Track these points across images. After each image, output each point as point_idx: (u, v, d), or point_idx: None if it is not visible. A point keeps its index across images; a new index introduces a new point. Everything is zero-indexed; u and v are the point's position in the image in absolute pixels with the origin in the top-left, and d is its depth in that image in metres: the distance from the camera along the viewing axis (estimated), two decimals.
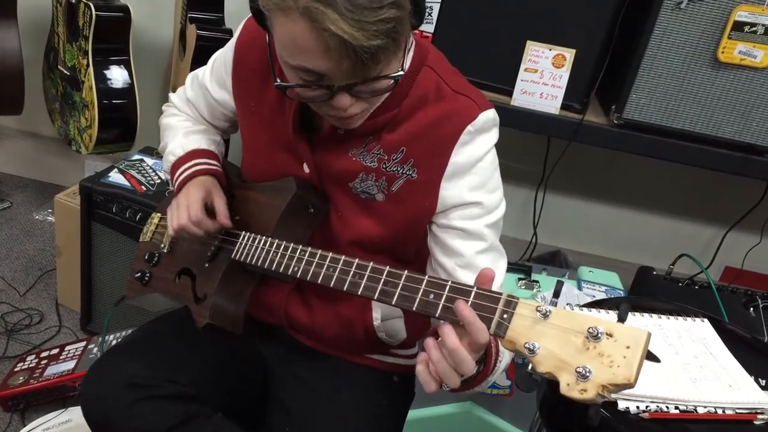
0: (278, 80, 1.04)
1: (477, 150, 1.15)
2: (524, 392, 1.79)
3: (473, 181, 1.16)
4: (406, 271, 0.98)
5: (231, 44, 1.29)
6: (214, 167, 1.34)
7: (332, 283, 1.05)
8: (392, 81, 1.02)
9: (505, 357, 1.09)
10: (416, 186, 1.17)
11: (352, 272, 1.02)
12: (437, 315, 0.93)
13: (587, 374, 0.78)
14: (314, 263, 1.09)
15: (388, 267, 1.00)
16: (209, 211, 1.26)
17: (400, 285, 0.97)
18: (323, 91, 1.01)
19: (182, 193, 1.28)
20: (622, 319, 0.82)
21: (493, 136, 1.18)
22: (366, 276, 1.01)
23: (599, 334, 0.79)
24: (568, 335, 0.82)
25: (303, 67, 0.98)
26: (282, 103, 1.21)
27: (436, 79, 1.16)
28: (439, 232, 1.20)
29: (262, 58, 1.20)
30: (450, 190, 1.16)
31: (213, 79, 1.35)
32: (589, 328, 0.80)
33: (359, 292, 1.01)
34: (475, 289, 0.91)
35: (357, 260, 1.03)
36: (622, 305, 0.84)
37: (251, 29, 1.24)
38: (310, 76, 0.99)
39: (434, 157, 1.15)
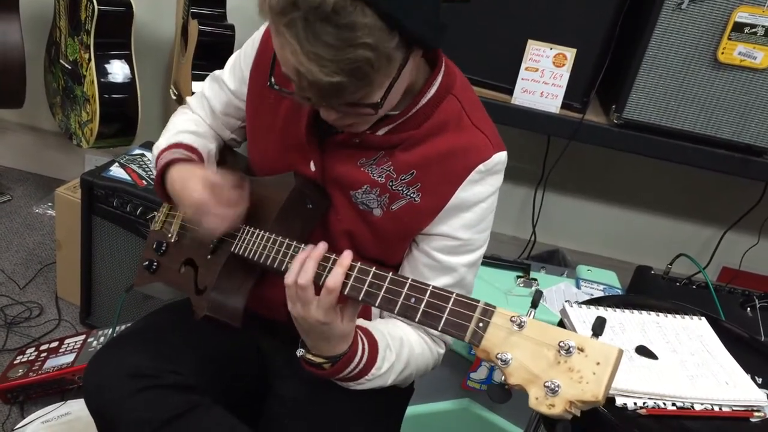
0: (273, 80, 1.07)
1: (483, 190, 1.18)
2: (499, 404, 1.79)
3: (468, 218, 1.19)
4: (390, 274, 1.00)
5: (257, 36, 1.29)
6: (188, 156, 1.31)
7: (321, 281, 1.05)
8: (371, 109, 1.02)
9: (387, 376, 1.16)
10: (416, 210, 1.18)
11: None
12: (417, 320, 0.95)
13: (556, 389, 0.78)
14: None
15: (374, 268, 1.02)
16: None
17: (384, 287, 0.99)
18: (309, 102, 1.03)
19: (182, 200, 1.24)
20: (596, 334, 0.81)
21: (500, 178, 1.20)
22: (353, 276, 1.03)
23: (570, 349, 0.79)
24: (540, 348, 0.82)
25: (288, 75, 1.00)
26: None
27: (459, 110, 1.17)
28: (416, 252, 1.23)
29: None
30: (444, 220, 1.19)
31: (232, 74, 1.35)
32: (560, 342, 0.80)
33: (345, 292, 1.03)
34: (454, 295, 0.92)
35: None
36: (597, 319, 0.83)
37: None
38: (294, 85, 1.01)
39: (441, 187, 1.17)
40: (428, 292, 0.95)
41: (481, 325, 0.87)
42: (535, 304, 0.89)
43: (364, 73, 0.94)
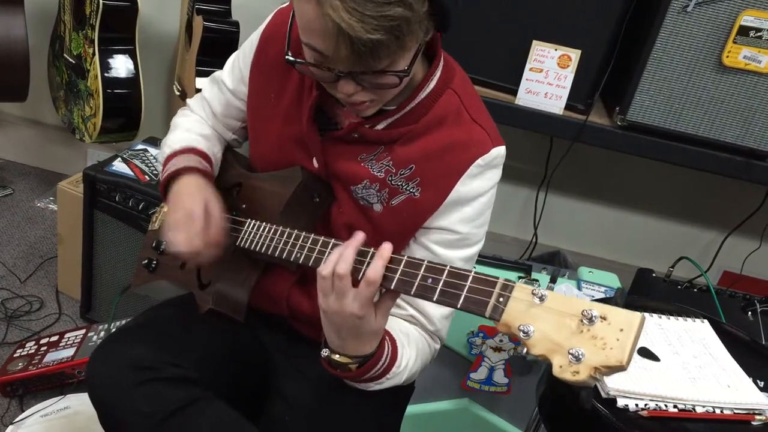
0: (290, 54, 1.06)
1: (482, 184, 1.18)
2: (519, 376, 1.79)
3: (467, 213, 1.19)
4: (405, 256, 0.99)
5: (254, 36, 1.30)
6: (205, 167, 1.33)
7: (360, 275, 1.04)
8: (397, 78, 1.03)
9: (395, 379, 1.14)
10: (416, 205, 1.18)
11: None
12: (435, 299, 0.95)
13: (580, 356, 0.78)
14: (316, 249, 1.10)
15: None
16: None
17: (399, 270, 0.99)
18: (329, 74, 1.02)
19: (180, 208, 1.24)
20: (617, 303, 0.82)
21: (499, 172, 1.21)
22: (366, 262, 1.02)
23: (593, 318, 0.79)
24: (563, 318, 0.82)
25: (310, 45, 1.00)
26: (300, 96, 1.22)
27: (458, 104, 1.17)
28: (414, 245, 1.23)
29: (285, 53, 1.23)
30: (443, 214, 1.18)
31: (231, 74, 1.36)
32: (583, 311, 0.80)
33: (359, 277, 1.02)
34: (472, 273, 0.92)
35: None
36: (617, 290, 0.84)
37: (278, 22, 1.27)
38: (317, 56, 1.01)
39: (440, 182, 1.17)
40: (446, 272, 0.94)
41: (501, 299, 0.87)
42: (554, 280, 0.89)
43: (400, 32, 0.95)
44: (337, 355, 1.08)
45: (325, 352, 1.09)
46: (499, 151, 1.18)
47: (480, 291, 0.90)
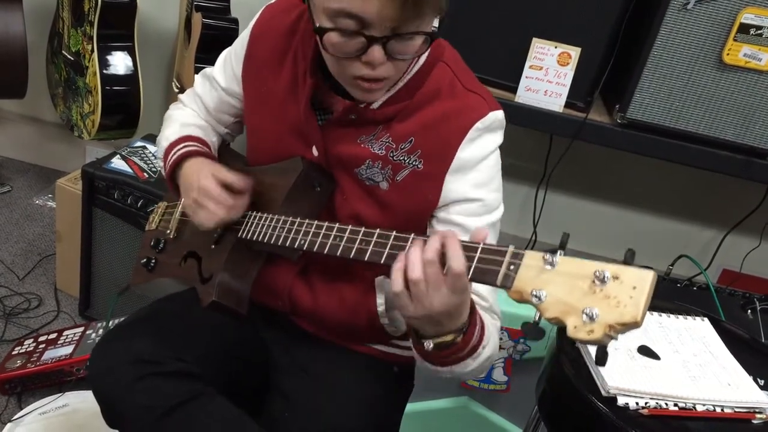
0: (317, 24, 1.04)
1: (483, 148, 1.18)
2: (532, 340, 1.75)
3: (477, 178, 1.18)
4: (412, 235, 0.99)
5: (244, 34, 1.31)
6: (204, 150, 1.34)
7: (339, 251, 1.05)
8: (424, 39, 1.04)
9: (488, 348, 1.10)
10: (421, 177, 1.18)
11: (358, 240, 1.03)
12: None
13: (594, 316, 0.78)
14: (321, 234, 1.10)
15: (394, 232, 1.00)
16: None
17: (407, 247, 0.98)
18: (359, 42, 1.01)
19: (190, 187, 1.26)
20: (627, 263, 0.82)
21: (499, 137, 1.20)
22: (373, 242, 1.01)
23: (606, 278, 0.79)
24: (575, 280, 0.82)
25: (345, 11, 0.98)
26: (295, 86, 1.23)
27: (450, 76, 1.18)
28: (439, 227, 1.21)
29: (275, 47, 1.24)
30: (453, 185, 1.18)
31: (223, 71, 1.37)
32: (595, 272, 0.80)
33: (366, 258, 1.01)
34: (481, 245, 0.92)
35: (363, 228, 1.03)
36: (628, 251, 0.84)
37: (267, 18, 1.28)
38: (350, 22, 0.99)
39: (441, 150, 1.17)
40: None
41: (512, 267, 0.87)
42: (563, 246, 0.89)
43: None
44: (440, 338, 1.03)
45: (429, 344, 1.03)
46: (497, 115, 1.18)
47: (490, 261, 0.90)
